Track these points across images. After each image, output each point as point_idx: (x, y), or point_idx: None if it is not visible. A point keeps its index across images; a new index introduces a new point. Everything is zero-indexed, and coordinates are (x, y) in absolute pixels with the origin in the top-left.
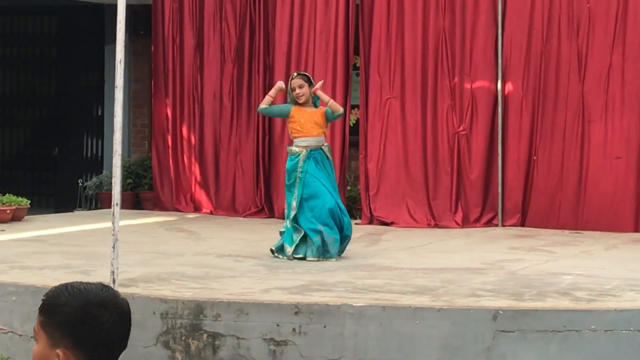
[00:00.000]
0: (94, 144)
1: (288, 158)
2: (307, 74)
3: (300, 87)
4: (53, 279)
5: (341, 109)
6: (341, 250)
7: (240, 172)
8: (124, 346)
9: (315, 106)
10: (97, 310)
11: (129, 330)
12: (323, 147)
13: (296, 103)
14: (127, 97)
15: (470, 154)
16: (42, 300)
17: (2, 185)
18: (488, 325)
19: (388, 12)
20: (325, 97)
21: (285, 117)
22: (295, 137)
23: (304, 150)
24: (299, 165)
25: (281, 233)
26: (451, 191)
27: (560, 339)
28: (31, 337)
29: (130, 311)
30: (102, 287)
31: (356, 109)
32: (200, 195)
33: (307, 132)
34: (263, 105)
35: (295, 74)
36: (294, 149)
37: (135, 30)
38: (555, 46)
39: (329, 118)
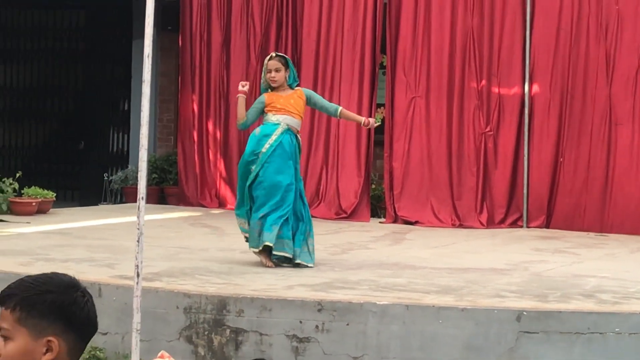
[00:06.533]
0: (120, 138)
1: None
2: (287, 57)
3: (277, 70)
4: (77, 271)
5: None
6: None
7: None
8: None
9: (292, 88)
10: (75, 292)
11: None
12: (298, 134)
13: (269, 88)
14: (154, 92)
15: (496, 154)
16: (6, 297)
17: (28, 178)
18: (511, 326)
19: (415, 10)
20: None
21: (262, 113)
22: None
23: (282, 125)
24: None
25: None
26: (476, 191)
27: (584, 341)
28: None
29: None
30: (57, 273)
31: (382, 108)
32: (225, 191)
33: (286, 109)
34: (239, 122)
35: (273, 53)
36: (272, 117)
37: (163, 25)
38: (583, 48)
39: (308, 101)
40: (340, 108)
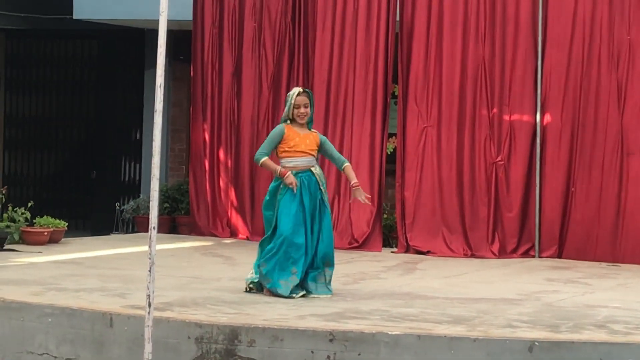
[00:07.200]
0: (132, 167)
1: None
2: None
3: (306, 106)
4: (89, 301)
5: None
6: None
7: None
8: None
9: (309, 127)
10: None
11: None
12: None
13: (292, 121)
14: (166, 122)
15: (508, 184)
16: None
17: (39, 207)
18: (524, 356)
19: (427, 40)
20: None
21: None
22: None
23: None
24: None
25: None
26: (488, 221)
27: None
28: (67, 358)
29: None
30: None
31: (393, 137)
32: (237, 220)
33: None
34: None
35: (301, 89)
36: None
37: (174, 55)
38: (595, 77)
39: (321, 147)
40: (347, 164)
